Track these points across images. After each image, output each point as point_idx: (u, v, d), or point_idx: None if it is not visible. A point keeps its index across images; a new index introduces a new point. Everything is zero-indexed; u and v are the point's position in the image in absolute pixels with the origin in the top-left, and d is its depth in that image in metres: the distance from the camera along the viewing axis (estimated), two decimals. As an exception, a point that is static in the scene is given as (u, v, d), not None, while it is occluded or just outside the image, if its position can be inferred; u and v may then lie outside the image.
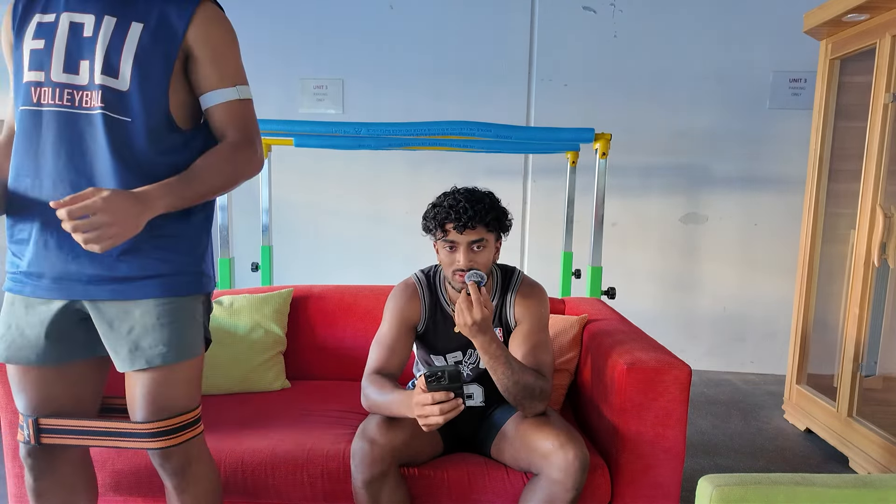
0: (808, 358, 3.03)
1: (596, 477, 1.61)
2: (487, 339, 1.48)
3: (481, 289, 1.47)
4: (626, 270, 3.94)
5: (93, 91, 1.23)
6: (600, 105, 3.89)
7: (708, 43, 3.82)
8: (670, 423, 1.60)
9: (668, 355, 1.67)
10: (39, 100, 1.24)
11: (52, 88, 1.23)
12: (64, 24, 1.23)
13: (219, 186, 1.30)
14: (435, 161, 3.95)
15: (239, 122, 1.35)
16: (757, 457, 2.68)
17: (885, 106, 2.42)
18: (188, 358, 1.33)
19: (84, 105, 1.23)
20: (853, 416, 2.56)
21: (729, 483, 1.07)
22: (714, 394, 3.54)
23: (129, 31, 1.24)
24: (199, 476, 1.39)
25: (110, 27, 1.23)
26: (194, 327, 1.36)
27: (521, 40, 3.91)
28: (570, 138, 2.78)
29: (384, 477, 1.48)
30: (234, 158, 1.31)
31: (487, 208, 1.55)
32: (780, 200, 3.88)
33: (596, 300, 2.40)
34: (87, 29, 1.23)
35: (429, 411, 1.36)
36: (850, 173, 2.84)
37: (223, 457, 1.64)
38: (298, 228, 4.13)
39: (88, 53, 1.23)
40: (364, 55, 3.96)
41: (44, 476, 1.37)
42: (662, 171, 3.95)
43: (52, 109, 1.24)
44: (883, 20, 2.43)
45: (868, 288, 2.50)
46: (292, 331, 2.28)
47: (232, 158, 1.31)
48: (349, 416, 1.92)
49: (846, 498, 1.06)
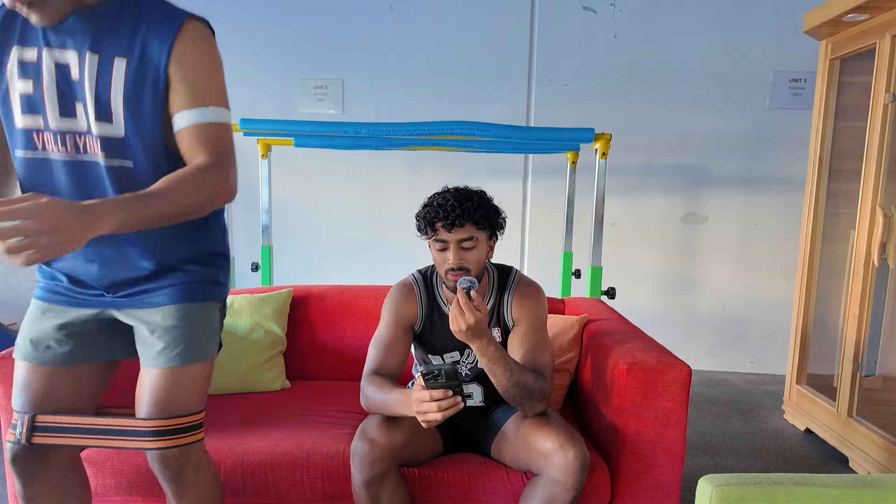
0: (808, 358, 3.03)
1: (596, 477, 1.61)
2: (484, 342, 1.48)
3: (473, 292, 1.47)
4: (626, 270, 3.94)
5: (92, 137, 1.24)
6: (600, 105, 3.89)
7: (708, 43, 3.82)
8: (670, 423, 1.60)
9: (668, 355, 1.67)
10: (44, 147, 1.25)
11: (53, 135, 1.24)
12: (49, 65, 1.21)
13: (181, 210, 1.18)
14: (434, 161, 3.95)
15: (210, 144, 1.24)
16: (757, 457, 2.68)
17: (885, 106, 2.42)
18: (201, 359, 1.36)
19: (87, 151, 1.25)
20: (853, 416, 2.56)
21: (729, 483, 1.07)
22: (714, 394, 3.54)
23: (113, 68, 1.21)
24: (198, 483, 1.37)
25: (94, 66, 1.21)
26: (209, 331, 1.40)
27: (521, 40, 3.91)
28: (570, 138, 2.78)
29: (384, 477, 1.48)
30: (199, 182, 1.20)
31: (476, 206, 1.55)
32: (780, 200, 3.88)
33: (596, 300, 2.40)
34: (73, 71, 1.22)
35: (427, 408, 1.36)
36: (850, 173, 2.84)
37: (223, 457, 1.64)
38: (298, 228, 4.13)
39: (80, 96, 1.22)
40: (364, 55, 3.97)
41: (33, 482, 1.35)
42: (662, 171, 3.96)
43: (60, 159, 1.25)
44: (883, 20, 2.43)
45: (868, 288, 2.50)
46: (292, 331, 2.28)
47: (197, 182, 1.20)
48: (349, 416, 1.92)
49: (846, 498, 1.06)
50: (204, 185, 1.21)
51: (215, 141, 1.25)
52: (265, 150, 3.27)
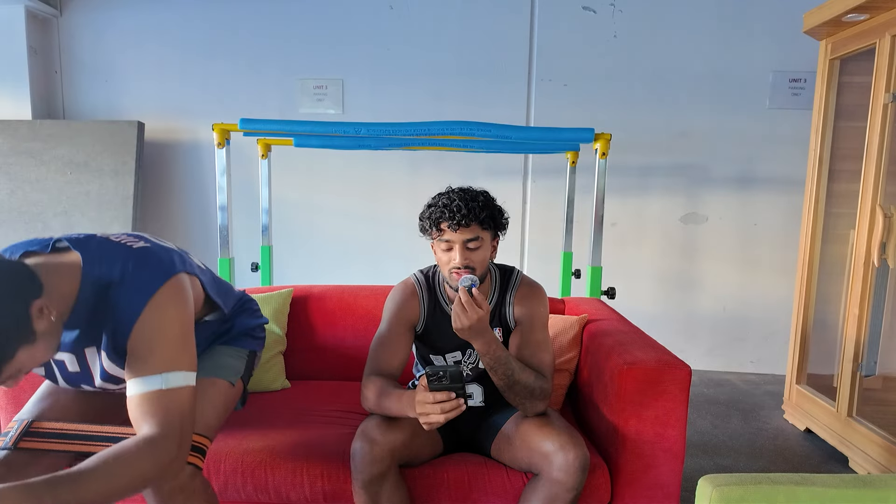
0: (808, 358, 3.03)
1: (596, 477, 1.61)
2: (485, 341, 1.49)
3: (475, 290, 1.47)
4: (626, 270, 3.94)
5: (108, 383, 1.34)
6: (600, 105, 3.89)
7: (708, 43, 3.82)
8: (670, 423, 1.60)
9: (668, 355, 1.67)
10: None
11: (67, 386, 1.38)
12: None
13: (105, 495, 1.06)
14: (434, 161, 3.95)
15: (158, 415, 1.16)
16: (757, 457, 2.68)
17: (885, 106, 2.42)
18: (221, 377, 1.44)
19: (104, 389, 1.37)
20: (853, 415, 2.56)
21: (729, 483, 1.07)
22: (714, 394, 3.54)
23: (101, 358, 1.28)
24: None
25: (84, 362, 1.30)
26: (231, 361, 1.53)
27: (521, 40, 3.91)
28: (570, 138, 2.77)
29: (384, 477, 1.48)
30: (136, 461, 1.10)
31: (482, 206, 1.56)
32: (780, 200, 3.88)
33: (596, 300, 2.40)
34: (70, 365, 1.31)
35: (430, 410, 1.36)
36: (850, 173, 2.84)
37: (223, 457, 1.64)
38: (298, 228, 4.13)
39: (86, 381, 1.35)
40: (364, 55, 3.96)
41: None
42: (662, 171, 3.95)
43: None
44: (883, 20, 2.43)
45: (868, 288, 2.50)
46: (292, 331, 2.28)
47: (135, 460, 1.10)
48: (349, 416, 1.92)
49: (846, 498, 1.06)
50: (140, 462, 1.10)
51: (164, 410, 1.17)
52: (265, 150, 3.27)
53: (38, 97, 3.95)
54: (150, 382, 1.17)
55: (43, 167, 3.73)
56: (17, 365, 1.07)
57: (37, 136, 3.75)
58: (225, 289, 1.56)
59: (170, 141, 4.07)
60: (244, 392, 1.63)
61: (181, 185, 4.13)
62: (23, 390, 1.75)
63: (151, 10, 3.97)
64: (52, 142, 3.75)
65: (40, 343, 1.09)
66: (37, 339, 1.08)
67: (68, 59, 4.04)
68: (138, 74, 4.03)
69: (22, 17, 3.80)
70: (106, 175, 3.74)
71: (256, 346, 1.66)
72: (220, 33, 3.98)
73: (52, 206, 3.72)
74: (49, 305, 1.09)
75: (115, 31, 4.00)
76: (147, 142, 4.00)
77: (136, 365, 1.19)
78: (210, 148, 3.99)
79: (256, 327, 1.67)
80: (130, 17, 3.98)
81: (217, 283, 1.52)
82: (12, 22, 3.81)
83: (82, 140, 3.75)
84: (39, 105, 3.95)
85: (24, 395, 1.74)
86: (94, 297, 1.19)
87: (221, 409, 1.46)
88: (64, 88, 4.07)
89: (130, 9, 3.97)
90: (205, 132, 4.03)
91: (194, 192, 4.12)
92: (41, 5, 3.84)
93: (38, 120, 3.84)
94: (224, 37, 3.98)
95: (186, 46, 4.00)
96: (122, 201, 3.72)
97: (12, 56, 3.83)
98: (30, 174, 3.73)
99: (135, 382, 1.18)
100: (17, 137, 3.74)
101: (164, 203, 4.14)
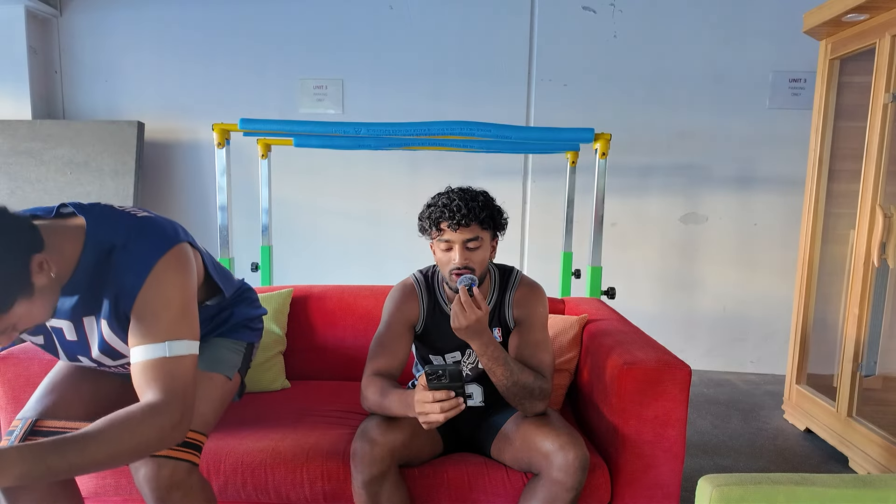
0: (808, 358, 3.03)
1: (596, 477, 1.61)
2: (484, 341, 1.49)
3: (475, 289, 1.47)
4: (626, 270, 3.94)
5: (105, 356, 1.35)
6: (600, 105, 3.89)
7: (708, 43, 3.82)
8: (670, 423, 1.60)
9: (668, 355, 1.67)
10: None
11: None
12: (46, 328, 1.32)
13: (110, 458, 1.08)
14: (434, 161, 3.95)
15: (162, 381, 1.16)
16: (757, 457, 2.69)
17: (885, 106, 2.43)
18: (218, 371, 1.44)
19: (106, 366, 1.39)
20: (853, 416, 2.56)
21: (729, 483, 1.07)
22: (714, 394, 3.54)
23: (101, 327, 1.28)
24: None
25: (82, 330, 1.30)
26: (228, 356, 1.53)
27: (521, 40, 3.91)
28: (570, 138, 2.77)
29: (384, 477, 1.48)
30: (140, 425, 1.11)
31: (481, 206, 1.56)
32: (780, 200, 3.88)
33: (596, 300, 2.40)
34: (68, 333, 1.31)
35: (429, 409, 1.36)
36: (850, 173, 2.84)
37: (223, 457, 1.64)
38: (298, 228, 4.13)
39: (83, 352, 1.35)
40: (364, 55, 3.97)
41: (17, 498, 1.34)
42: (662, 171, 3.96)
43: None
44: (883, 20, 2.43)
45: (868, 288, 2.50)
46: (292, 331, 2.28)
47: (137, 425, 1.11)
48: (349, 416, 1.92)
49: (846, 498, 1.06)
50: (145, 429, 1.12)
51: (168, 376, 1.17)
52: (265, 150, 3.27)
53: (38, 97, 3.95)
54: (155, 350, 1.18)
55: (43, 167, 3.74)
56: (13, 318, 1.06)
57: (37, 136, 3.76)
58: (225, 273, 1.57)
59: (170, 141, 4.07)
60: (241, 385, 1.64)
61: (181, 186, 4.13)
62: (23, 389, 1.75)
63: (151, 10, 3.97)
64: (52, 142, 3.75)
65: (38, 299, 1.09)
66: (34, 294, 1.08)
67: (68, 59, 4.04)
68: (138, 74, 4.03)
69: (22, 17, 3.80)
70: (106, 175, 3.74)
71: (254, 338, 1.67)
72: (220, 33, 3.98)
73: (52, 206, 3.72)
74: (49, 261, 1.09)
75: (115, 31, 4.00)
76: (147, 142, 4.00)
77: (140, 332, 1.19)
78: (210, 148, 3.99)
79: (255, 318, 1.68)
80: (130, 17, 3.98)
81: (217, 266, 1.53)
82: (12, 22, 3.81)
83: (82, 140, 3.76)
84: (39, 105, 3.96)
85: (24, 394, 1.74)
86: (97, 262, 1.19)
87: (218, 404, 1.47)
88: (64, 88, 4.07)
89: (130, 9, 3.98)
90: (205, 132, 4.03)
91: (194, 192, 4.12)
92: (41, 5, 3.84)
93: (38, 120, 3.84)
94: (224, 37, 3.99)
95: (186, 46, 4.00)
96: (122, 201, 3.72)
97: (12, 56, 3.84)
98: (30, 174, 3.73)
99: (139, 350, 1.18)
100: (17, 137, 3.74)
101: (164, 203, 4.14)
